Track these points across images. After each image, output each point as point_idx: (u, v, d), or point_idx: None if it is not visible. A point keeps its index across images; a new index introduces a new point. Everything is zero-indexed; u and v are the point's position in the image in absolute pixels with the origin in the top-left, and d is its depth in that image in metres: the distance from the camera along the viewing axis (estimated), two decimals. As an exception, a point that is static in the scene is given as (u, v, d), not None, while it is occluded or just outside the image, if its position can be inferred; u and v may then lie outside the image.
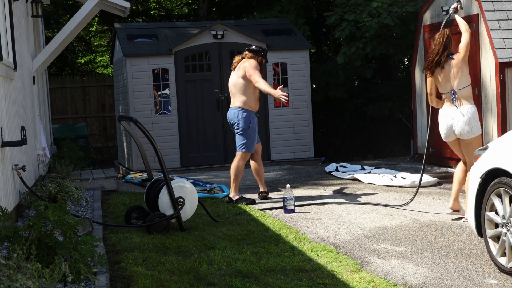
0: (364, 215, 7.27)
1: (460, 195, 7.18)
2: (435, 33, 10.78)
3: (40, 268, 3.92)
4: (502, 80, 9.33)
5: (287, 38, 12.63)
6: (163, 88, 11.91)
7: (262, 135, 12.35)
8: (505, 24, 9.48)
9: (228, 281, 4.83)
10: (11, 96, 6.82)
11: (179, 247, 5.90)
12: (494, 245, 5.06)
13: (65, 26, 9.90)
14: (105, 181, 9.50)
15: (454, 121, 6.72)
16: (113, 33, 13.57)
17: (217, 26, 12.11)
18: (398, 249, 5.79)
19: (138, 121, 6.69)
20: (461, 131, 6.71)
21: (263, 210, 7.79)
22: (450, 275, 4.98)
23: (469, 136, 6.71)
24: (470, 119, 6.67)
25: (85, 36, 22.34)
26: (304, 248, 5.79)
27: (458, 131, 6.73)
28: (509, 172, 4.79)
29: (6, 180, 6.14)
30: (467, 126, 6.67)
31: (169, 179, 6.57)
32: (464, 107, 6.70)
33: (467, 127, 6.67)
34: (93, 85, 17.69)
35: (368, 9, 12.89)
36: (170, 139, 11.88)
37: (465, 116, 6.66)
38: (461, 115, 6.67)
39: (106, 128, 17.71)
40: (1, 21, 6.41)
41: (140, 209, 6.88)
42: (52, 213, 4.83)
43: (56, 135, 13.12)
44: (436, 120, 10.82)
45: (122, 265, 5.26)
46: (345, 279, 4.87)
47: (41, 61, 9.82)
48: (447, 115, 6.79)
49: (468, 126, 6.67)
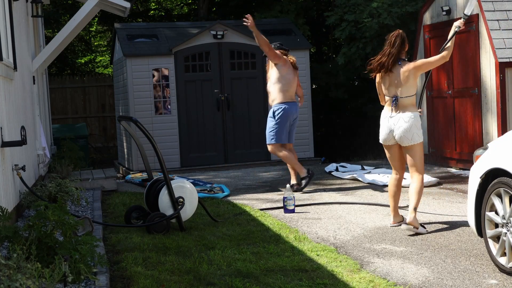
0: (364, 215, 7.27)
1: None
2: (436, 33, 10.87)
3: (40, 268, 3.92)
4: (502, 80, 9.33)
5: (287, 38, 12.63)
6: (163, 88, 11.91)
7: (262, 135, 12.36)
8: (505, 24, 9.48)
9: (228, 281, 4.83)
10: (11, 96, 6.82)
11: (179, 247, 5.91)
12: (494, 245, 5.06)
13: (65, 26, 9.90)
14: (105, 181, 9.50)
15: (395, 126, 6.49)
16: (113, 33, 13.57)
17: (217, 26, 12.11)
18: (398, 249, 5.79)
19: (138, 121, 6.68)
20: (401, 138, 6.47)
21: (263, 210, 7.79)
22: (450, 275, 4.98)
23: (409, 143, 6.46)
24: (412, 127, 6.41)
25: (85, 36, 22.35)
26: (304, 248, 5.79)
27: (398, 137, 6.49)
28: (509, 172, 4.79)
29: (6, 180, 6.14)
30: (408, 133, 6.42)
31: (169, 179, 6.57)
32: (406, 114, 6.44)
33: (408, 134, 6.42)
34: (93, 85, 17.70)
35: (368, 9, 12.89)
36: (170, 139, 11.88)
37: (407, 123, 6.41)
38: (403, 122, 6.44)
39: (106, 128, 17.72)
40: (1, 21, 6.41)
41: (140, 209, 6.88)
42: (52, 213, 4.83)
43: (56, 135, 13.12)
44: (433, 119, 10.86)
45: (122, 265, 5.26)
46: (345, 279, 4.88)
47: (41, 61, 9.83)
48: (389, 120, 6.56)
49: (409, 133, 6.42)
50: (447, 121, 10.59)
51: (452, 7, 10.31)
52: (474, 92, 9.81)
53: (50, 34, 18.23)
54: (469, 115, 9.99)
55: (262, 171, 11.34)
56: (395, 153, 6.65)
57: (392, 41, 6.52)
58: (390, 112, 6.55)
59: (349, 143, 17.25)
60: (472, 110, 9.94)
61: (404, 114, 6.45)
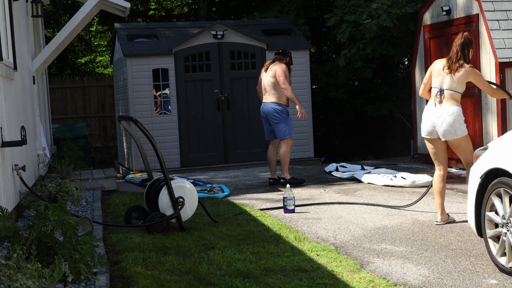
0: (364, 215, 7.27)
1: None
2: (436, 33, 10.87)
3: (40, 268, 3.92)
4: (502, 80, 9.33)
5: (287, 38, 12.63)
6: (163, 88, 11.92)
7: (262, 135, 12.36)
8: (505, 24, 9.48)
9: (228, 281, 4.83)
10: (11, 96, 6.82)
11: (179, 247, 5.91)
12: (494, 245, 5.06)
13: (65, 26, 9.89)
14: (105, 181, 9.50)
15: (438, 120, 6.59)
16: (113, 33, 13.57)
17: (217, 26, 12.11)
18: (398, 249, 5.79)
19: (138, 121, 6.68)
20: (444, 132, 6.58)
21: (263, 210, 7.79)
22: (450, 275, 4.98)
23: (452, 137, 6.58)
24: (455, 121, 6.52)
25: (85, 36, 22.34)
26: (304, 248, 5.79)
27: (442, 132, 6.59)
28: (509, 172, 4.79)
29: (6, 180, 6.14)
30: (451, 127, 6.53)
31: (169, 179, 6.57)
32: (450, 108, 6.55)
33: (452, 128, 6.53)
34: (93, 85, 17.70)
35: (368, 10, 12.89)
36: (170, 139, 11.88)
37: (450, 117, 6.52)
38: (446, 115, 6.55)
39: (106, 128, 17.71)
40: (1, 21, 6.41)
41: (140, 209, 6.88)
42: (52, 213, 4.83)
43: (56, 135, 13.12)
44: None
45: (122, 265, 5.26)
46: (345, 279, 4.88)
47: (41, 61, 9.82)
48: (432, 113, 6.65)
49: (452, 127, 6.53)
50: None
51: (452, 7, 10.32)
52: (474, 92, 9.81)
53: (50, 34, 18.22)
54: (469, 115, 9.99)
55: (262, 171, 11.34)
56: (439, 147, 6.75)
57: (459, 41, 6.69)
58: (434, 105, 6.66)
59: (349, 143, 17.26)
60: (472, 110, 9.94)
61: (448, 108, 6.56)
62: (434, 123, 6.62)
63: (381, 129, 16.57)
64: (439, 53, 10.71)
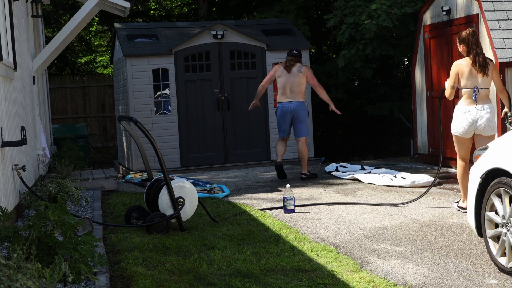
0: (364, 215, 7.27)
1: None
2: (436, 33, 10.87)
3: (40, 268, 3.92)
4: (502, 80, 9.32)
5: (287, 38, 12.63)
6: (163, 88, 11.92)
7: (262, 135, 12.37)
8: (505, 24, 9.48)
9: (228, 281, 4.83)
10: (11, 96, 6.82)
11: (179, 247, 5.91)
12: (494, 245, 5.06)
13: (65, 26, 9.89)
14: (105, 181, 9.50)
15: (478, 117, 7.01)
16: (113, 33, 13.57)
17: (217, 26, 12.11)
18: (398, 249, 5.79)
19: (138, 121, 6.68)
20: (484, 128, 7.03)
21: (263, 210, 7.79)
22: (450, 275, 4.98)
23: (491, 133, 7.07)
24: (493, 117, 7.11)
25: (85, 36, 22.34)
26: (304, 248, 5.79)
27: (483, 127, 7.02)
28: (509, 172, 4.79)
29: (6, 180, 6.14)
30: (491, 122, 7.04)
31: (169, 179, 6.57)
32: (487, 105, 7.05)
33: (491, 124, 7.05)
34: (93, 85, 17.69)
35: (367, 10, 12.89)
36: (170, 139, 11.88)
37: (489, 114, 7.01)
38: (486, 112, 7.01)
39: (106, 128, 17.71)
40: (1, 21, 6.41)
41: (140, 209, 6.88)
42: (52, 213, 4.83)
43: (56, 135, 13.12)
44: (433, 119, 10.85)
45: (122, 265, 5.26)
46: (345, 279, 4.88)
47: (41, 61, 9.82)
48: (470, 112, 7.05)
49: (491, 123, 7.05)
50: (447, 121, 10.57)
51: (452, 7, 10.31)
52: (474, 92, 9.81)
53: (50, 34, 18.22)
54: (469, 115, 9.98)
55: (262, 171, 11.35)
56: (468, 144, 7.26)
57: (474, 41, 7.12)
58: (473, 104, 7.06)
59: (349, 143, 17.27)
60: (472, 110, 9.93)
61: (486, 105, 7.05)
62: (474, 121, 7.05)
63: (381, 129, 16.57)
64: (439, 53, 10.71)
